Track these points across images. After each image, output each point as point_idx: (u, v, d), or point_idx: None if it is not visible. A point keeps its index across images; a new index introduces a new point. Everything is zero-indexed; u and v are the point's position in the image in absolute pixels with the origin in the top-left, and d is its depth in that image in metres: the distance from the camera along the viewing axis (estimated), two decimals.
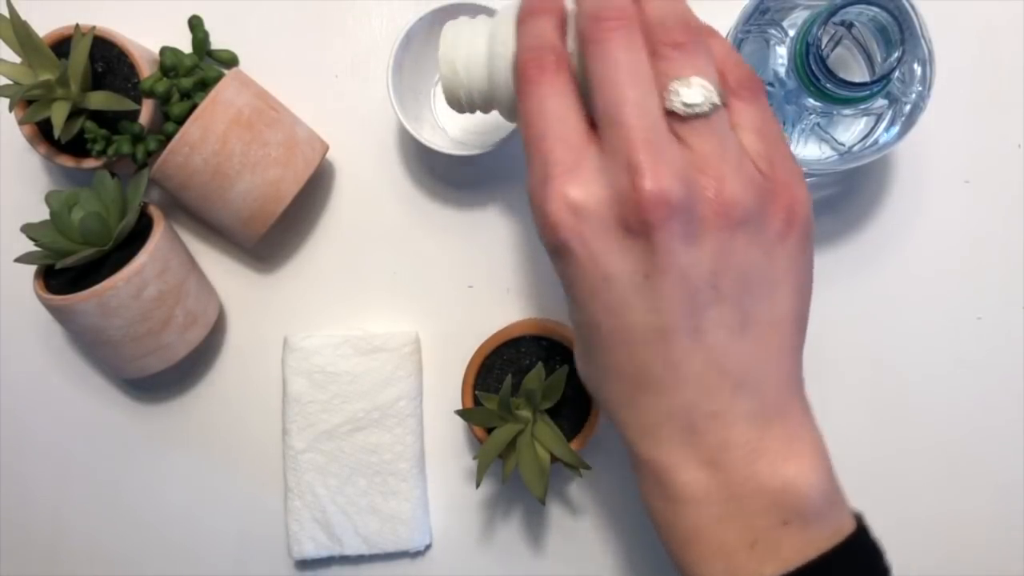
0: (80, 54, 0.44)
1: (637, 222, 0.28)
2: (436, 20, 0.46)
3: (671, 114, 0.29)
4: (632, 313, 0.29)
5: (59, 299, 0.45)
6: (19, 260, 0.47)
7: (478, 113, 0.37)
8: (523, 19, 0.32)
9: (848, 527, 0.30)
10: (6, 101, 0.47)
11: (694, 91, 0.29)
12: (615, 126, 0.29)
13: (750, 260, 0.30)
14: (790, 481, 0.29)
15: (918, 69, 0.42)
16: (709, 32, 0.32)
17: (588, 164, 0.29)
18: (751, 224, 0.29)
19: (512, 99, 0.33)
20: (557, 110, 0.30)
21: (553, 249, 0.30)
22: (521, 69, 0.31)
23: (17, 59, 0.45)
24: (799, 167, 0.32)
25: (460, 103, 0.35)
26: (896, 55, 0.39)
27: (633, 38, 0.29)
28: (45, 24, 0.46)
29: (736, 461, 0.30)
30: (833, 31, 0.42)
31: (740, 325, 0.30)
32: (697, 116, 0.29)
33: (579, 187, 0.29)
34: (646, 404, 0.31)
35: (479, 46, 0.34)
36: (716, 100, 0.29)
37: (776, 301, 0.30)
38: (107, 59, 0.48)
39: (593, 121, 0.30)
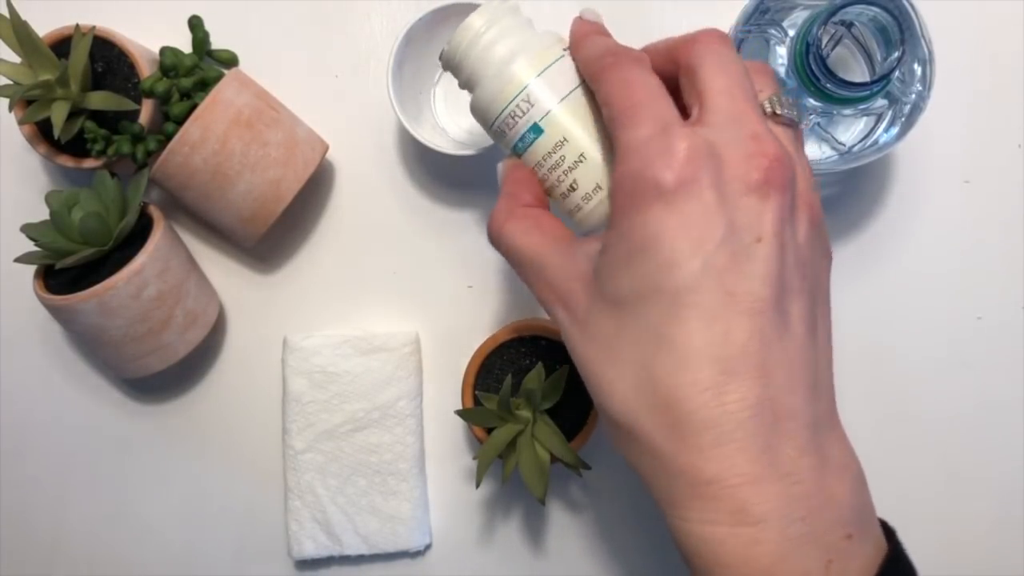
0: (80, 54, 0.44)
1: (761, 180, 0.28)
2: (436, 20, 0.46)
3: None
4: (741, 277, 0.27)
5: (59, 299, 0.45)
6: (19, 260, 0.47)
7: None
8: (590, 34, 0.34)
9: (881, 536, 0.29)
10: (6, 101, 0.47)
11: (790, 105, 0.32)
12: (733, 101, 0.29)
13: (816, 262, 0.30)
14: (853, 490, 0.28)
15: (918, 69, 0.42)
16: None
17: (700, 127, 0.29)
18: (818, 231, 0.30)
19: (490, 101, 0.34)
20: (659, 86, 0.30)
21: (669, 188, 0.27)
22: (615, 54, 0.31)
23: (17, 59, 0.45)
24: None
25: (451, 61, 0.36)
26: (896, 55, 0.39)
27: (732, 47, 0.31)
28: (45, 24, 0.46)
29: (810, 470, 0.27)
30: (833, 31, 0.42)
31: (811, 322, 0.29)
32: (783, 124, 0.31)
33: (704, 135, 0.28)
34: (732, 394, 0.27)
35: (508, 43, 0.34)
36: (798, 123, 0.32)
37: (825, 311, 0.31)
38: (107, 59, 0.48)
39: None
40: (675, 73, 0.32)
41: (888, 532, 0.30)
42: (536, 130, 0.33)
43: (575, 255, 0.32)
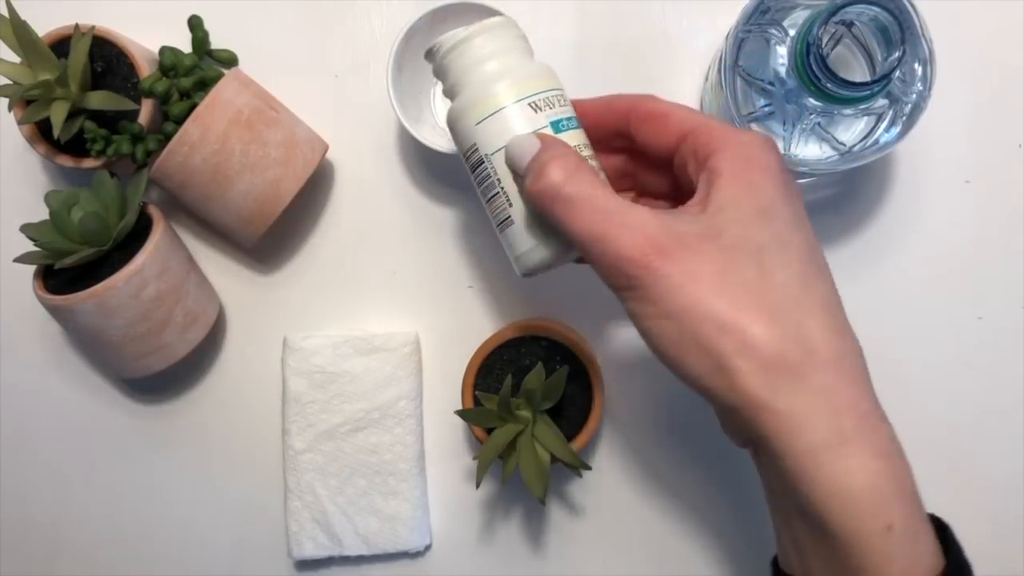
0: (79, 54, 0.44)
1: (791, 179, 0.35)
2: (436, 20, 0.46)
3: None
4: (819, 247, 0.33)
5: (58, 299, 0.45)
6: (18, 260, 0.47)
7: None
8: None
9: None
10: (6, 101, 0.47)
11: None
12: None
13: None
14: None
15: (919, 69, 0.42)
16: None
17: None
18: None
19: (465, 107, 0.36)
20: None
21: (777, 167, 0.33)
22: (645, 94, 0.38)
23: (17, 59, 0.45)
24: None
25: (433, 57, 0.38)
26: (897, 55, 0.39)
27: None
28: (45, 24, 0.46)
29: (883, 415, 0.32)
30: (834, 30, 0.42)
31: None
32: None
33: None
34: (852, 338, 0.32)
35: (497, 64, 0.37)
36: None
37: None
38: (107, 59, 0.48)
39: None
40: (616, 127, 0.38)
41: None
42: (572, 123, 0.36)
43: (677, 214, 0.33)
